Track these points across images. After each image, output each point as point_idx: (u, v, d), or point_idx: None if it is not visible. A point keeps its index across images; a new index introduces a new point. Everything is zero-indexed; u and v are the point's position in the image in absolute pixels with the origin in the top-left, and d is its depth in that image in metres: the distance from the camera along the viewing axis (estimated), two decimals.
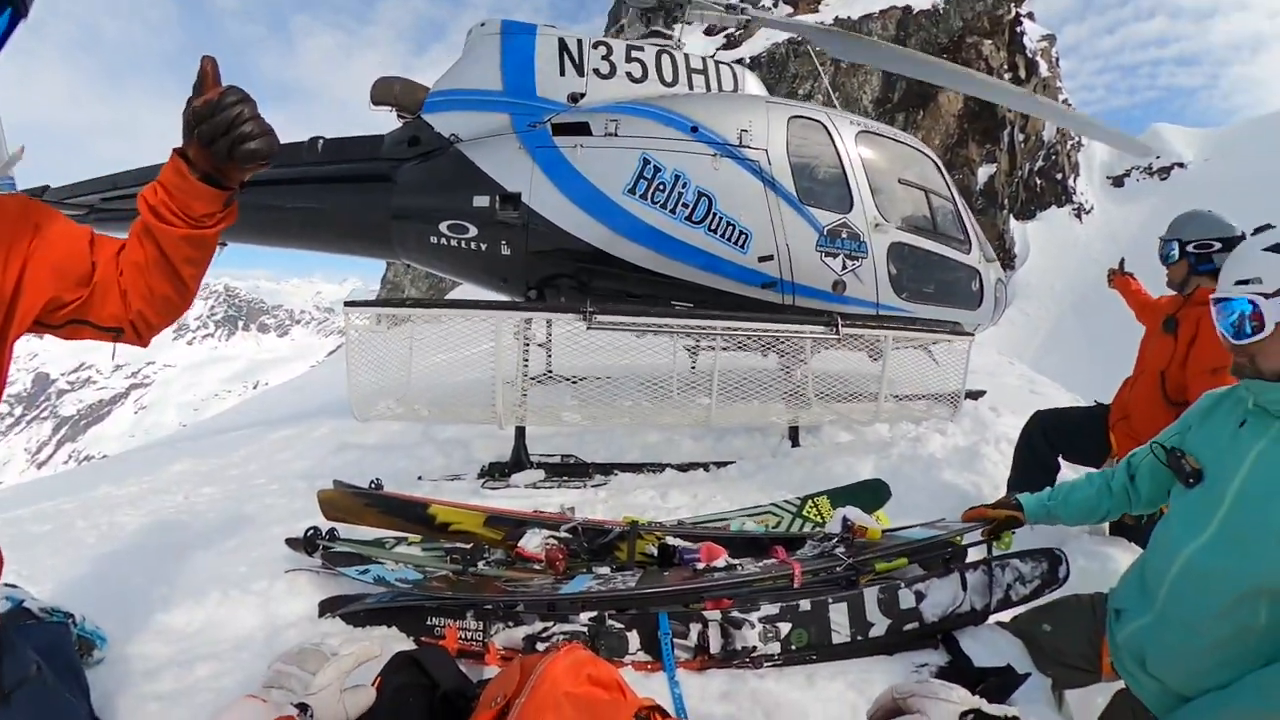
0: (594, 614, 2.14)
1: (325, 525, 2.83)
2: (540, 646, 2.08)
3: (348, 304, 3.92)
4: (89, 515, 3.85)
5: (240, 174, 1.26)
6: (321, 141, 5.64)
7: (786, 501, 3.31)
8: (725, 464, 4.47)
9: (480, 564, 2.63)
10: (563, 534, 2.73)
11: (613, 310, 4.14)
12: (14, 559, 2.79)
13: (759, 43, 27.38)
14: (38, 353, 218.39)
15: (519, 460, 4.41)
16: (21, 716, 1.32)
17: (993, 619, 2.26)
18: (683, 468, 4.42)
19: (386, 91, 5.57)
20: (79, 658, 1.90)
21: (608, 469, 4.42)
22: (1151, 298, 4.04)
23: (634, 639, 2.10)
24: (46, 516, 3.98)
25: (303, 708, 1.24)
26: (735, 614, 2.10)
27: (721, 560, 2.35)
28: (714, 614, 2.12)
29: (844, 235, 5.25)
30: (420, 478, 4.32)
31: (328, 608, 2.35)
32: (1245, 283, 1.71)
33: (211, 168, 1.22)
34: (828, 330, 4.32)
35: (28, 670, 1.40)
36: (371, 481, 3.06)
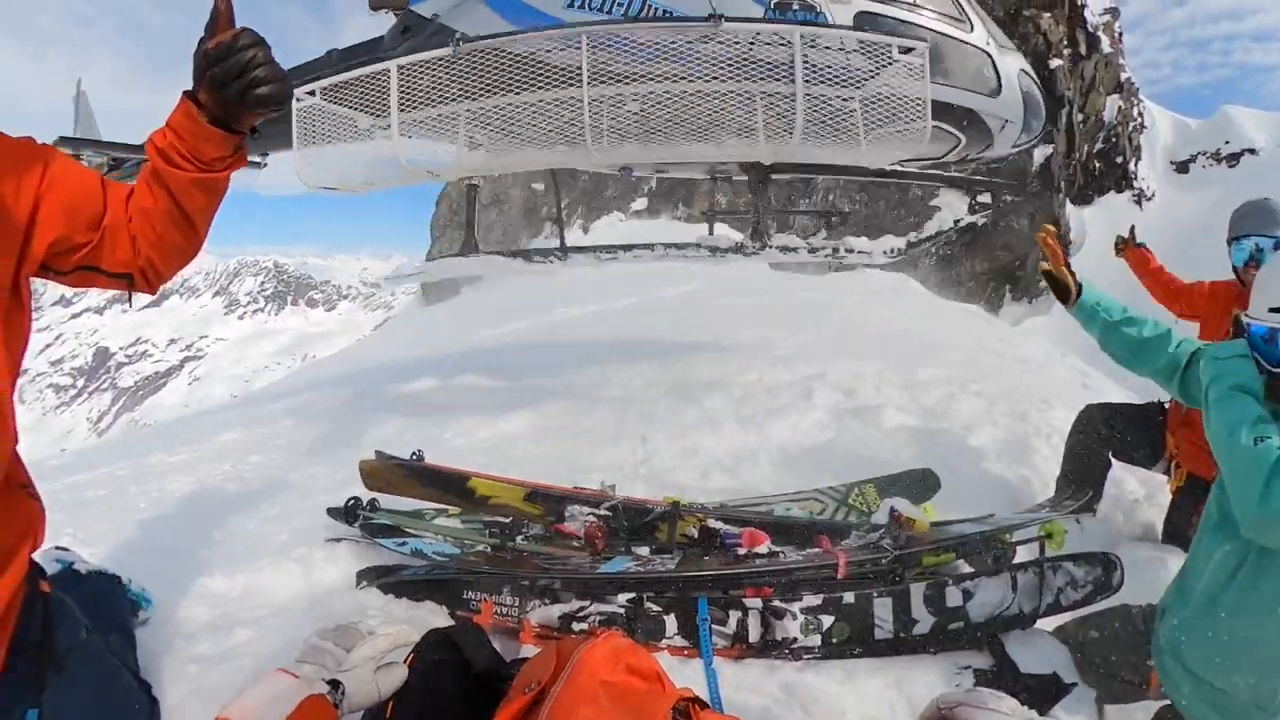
0: (632, 595, 2.11)
1: (366, 495, 2.84)
2: (576, 626, 2.06)
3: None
4: (141, 481, 3.96)
5: (252, 118, 1.24)
6: (335, 53, 5.69)
7: (831, 488, 3.24)
8: (720, 250, 4.40)
9: (519, 539, 2.63)
10: (603, 512, 2.71)
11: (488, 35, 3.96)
12: (70, 522, 2.90)
13: None
14: (98, 328, 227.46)
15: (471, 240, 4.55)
16: (75, 681, 1.34)
17: (1040, 623, 2.18)
18: (676, 246, 4.41)
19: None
20: (128, 618, 1.95)
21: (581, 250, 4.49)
22: (1179, 280, 3.80)
23: (671, 623, 2.07)
24: (101, 482, 4.09)
25: (334, 684, 1.23)
26: (776, 603, 2.06)
27: (764, 547, 2.30)
28: (754, 602, 2.07)
29: (795, 6, 4.43)
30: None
31: (365, 578, 2.36)
32: (1278, 310, 1.69)
33: (223, 111, 1.20)
34: None
35: (79, 635, 1.42)
36: (413, 453, 3.07)
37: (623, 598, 2.11)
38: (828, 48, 3.93)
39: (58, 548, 2.00)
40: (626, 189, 28.84)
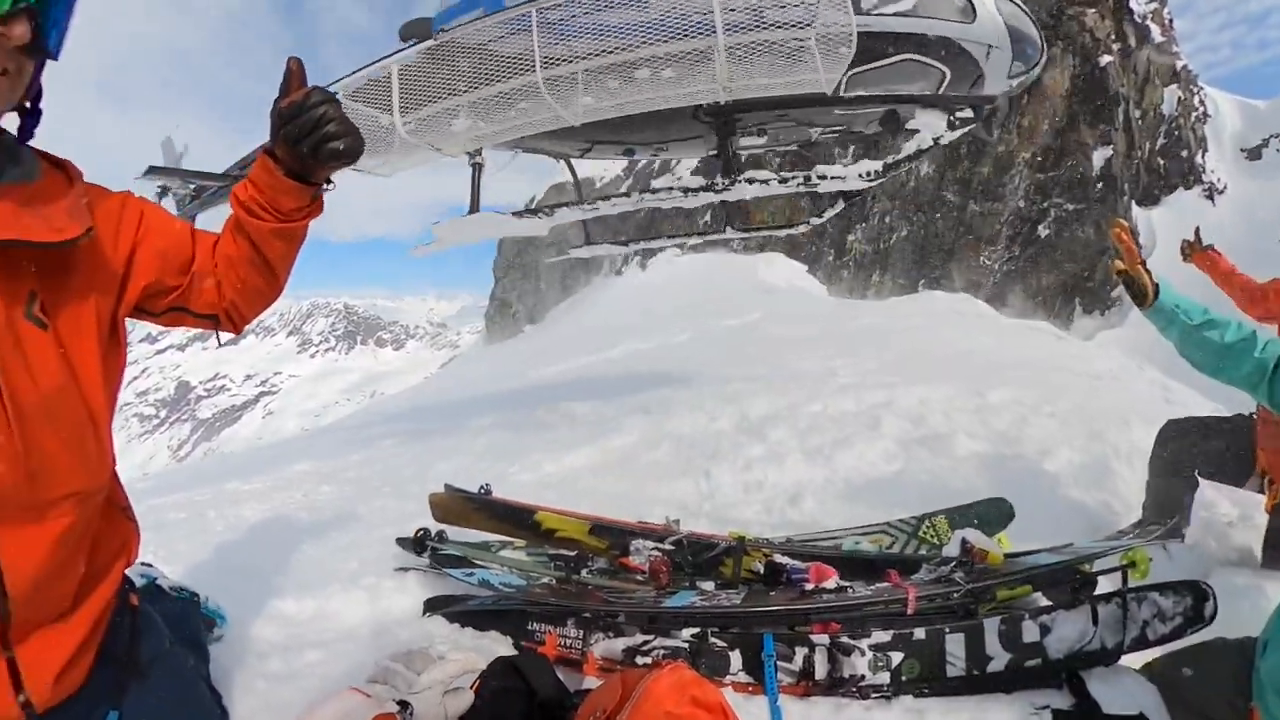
0: (696, 630, 2.09)
1: (435, 527, 2.90)
2: (640, 659, 2.05)
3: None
4: (218, 506, 4.15)
5: (325, 171, 1.31)
6: None
7: (902, 521, 3.15)
8: (691, 191, 4.65)
9: (583, 572, 2.65)
10: (667, 546, 2.70)
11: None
12: (152, 541, 3.02)
13: None
14: (180, 364, 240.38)
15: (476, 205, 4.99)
16: (154, 689, 1.42)
17: (1125, 660, 2.07)
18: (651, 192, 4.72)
19: (410, 29, 6.08)
20: (203, 633, 2.04)
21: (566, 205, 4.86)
22: (1254, 281, 3.59)
23: (736, 659, 2.04)
24: (181, 506, 4.29)
25: (404, 705, 1.27)
26: (844, 639, 2.00)
27: (831, 581, 2.25)
28: (821, 638, 2.02)
29: None
30: None
31: (432, 606, 2.41)
32: None
33: (298, 165, 1.27)
34: None
35: (162, 647, 1.51)
36: (481, 486, 3.12)
37: (687, 632, 2.09)
38: None
39: (142, 564, 2.09)
40: (680, 225, 29.06)
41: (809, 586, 2.23)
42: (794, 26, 3.99)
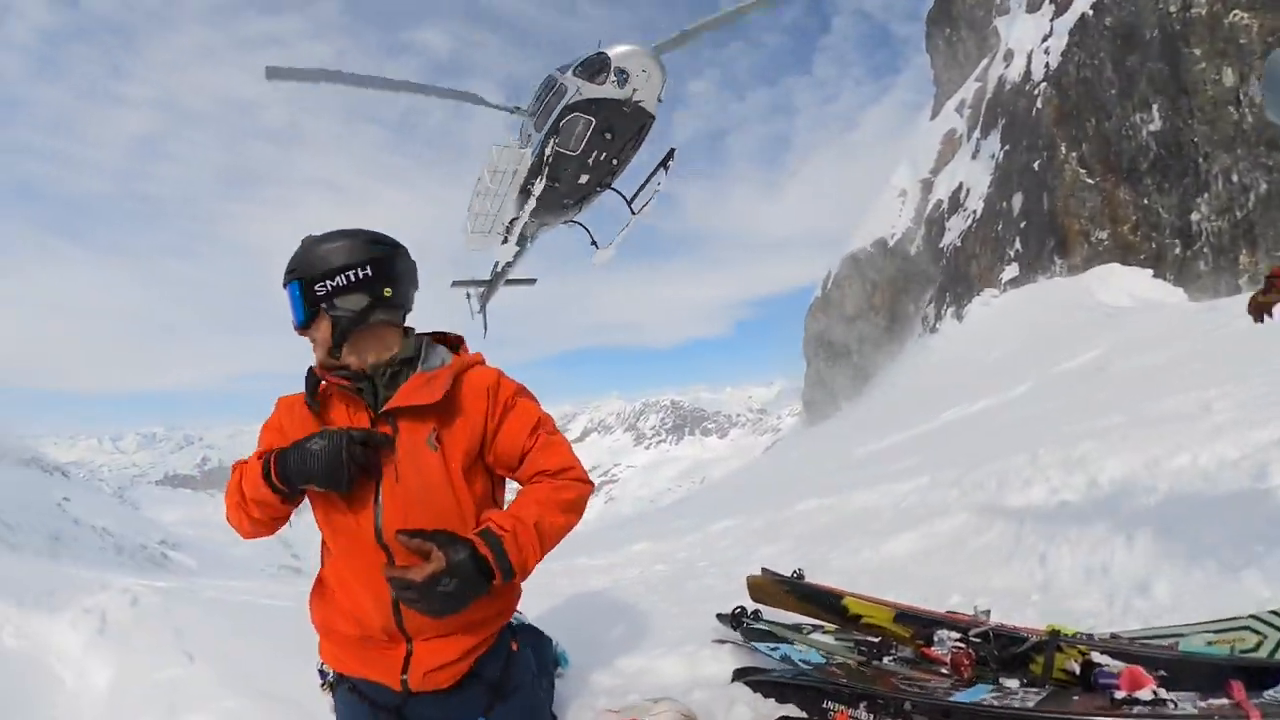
0: None
1: (751, 606, 3.18)
2: None
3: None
4: (569, 576, 4.99)
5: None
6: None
7: (1274, 612, 2.47)
8: None
9: (885, 659, 2.69)
10: (973, 638, 2.65)
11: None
12: None
13: None
14: None
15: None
16: (513, 709, 1.94)
17: None
18: None
19: None
20: (552, 668, 2.59)
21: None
22: None
23: None
24: (539, 573, 5.20)
25: None
26: None
27: (1147, 691, 1.94)
28: None
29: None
30: None
31: (739, 675, 2.67)
32: None
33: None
34: None
35: (526, 679, 2.03)
36: (794, 571, 3.30)
37: None
38: None
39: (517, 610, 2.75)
40: (992, 261, 26.23)
41: (1119, 694, 1.98)
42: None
